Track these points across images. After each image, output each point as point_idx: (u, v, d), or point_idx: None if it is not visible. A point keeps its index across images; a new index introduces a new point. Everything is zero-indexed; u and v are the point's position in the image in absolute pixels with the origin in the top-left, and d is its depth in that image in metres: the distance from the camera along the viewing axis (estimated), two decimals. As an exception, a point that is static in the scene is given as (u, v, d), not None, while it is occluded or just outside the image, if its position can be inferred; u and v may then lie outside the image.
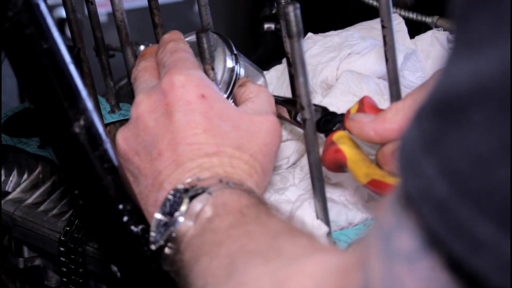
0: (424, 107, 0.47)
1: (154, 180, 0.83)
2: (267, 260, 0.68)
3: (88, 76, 1.18)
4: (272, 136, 0.87)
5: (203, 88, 0.85)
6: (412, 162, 0.46)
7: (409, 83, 1.06)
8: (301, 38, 0.80)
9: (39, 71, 0.78)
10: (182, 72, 0.85)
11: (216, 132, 0.83)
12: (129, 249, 0.83)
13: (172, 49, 0.91)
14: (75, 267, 1.07)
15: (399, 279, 0.50)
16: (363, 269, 0.54)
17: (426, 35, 1.14)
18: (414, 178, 0.45)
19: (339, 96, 1.00)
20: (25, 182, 1.20)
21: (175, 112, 0.83)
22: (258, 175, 0.84)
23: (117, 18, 1.08)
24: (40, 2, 0.77)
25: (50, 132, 0.81)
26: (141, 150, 0.85)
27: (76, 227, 1.07)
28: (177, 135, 0.83)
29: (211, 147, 0.83)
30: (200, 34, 0.89)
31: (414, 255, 0.48)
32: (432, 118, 0.45)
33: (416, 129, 0.46)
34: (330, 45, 1.08)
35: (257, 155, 0.85)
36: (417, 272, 0.48)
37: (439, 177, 0.44)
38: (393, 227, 0.50)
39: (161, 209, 0.79)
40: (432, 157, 0.44)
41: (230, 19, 2.03)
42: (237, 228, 0.73)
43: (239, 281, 0.69)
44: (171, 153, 0.82)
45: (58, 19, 1.82)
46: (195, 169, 0.81)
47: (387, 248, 0.51)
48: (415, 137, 0.46)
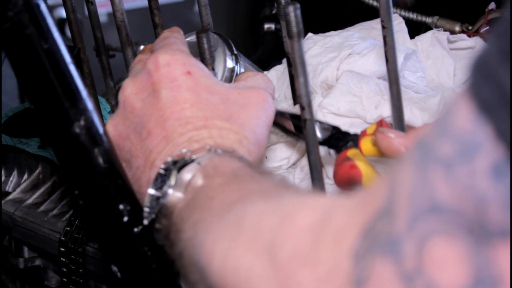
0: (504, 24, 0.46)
1: (145, 160, 0.82)
2: (267, 199, 0.67)
3: (88, 76, 1.18)
4: (262, 108, 0.86)
5: (188, 66, 0.84)
6: (487, 72, 0.45)
7: (409, 83, 1.06)
8: (301, 38, 0.80)
9: (39, 71, 0.78)
10: (167, 52, 0.84)
11: (204, 105, 0.82)
12: (129, 249, 0.83)
13: (163, 37, 0.91)
14: (75, 267, 1.07)
15: (431, 187, 0.48)
16: (389, 186, 0.52)
17: (426, 35, 1.14)
18: (489, 86, 0.45)
19: (339, 96, 1.00)
20: (25, 182, 1.20)
21: (162, 89, 0.82)
22: (250, 143, 0.83)
23: (117, 18, 1.08)
24: (40, 2, 0.77)
25: (50, 132, 0.81)
26: (131, 133, 0.84)
27: (76, 227, 1.07)
28: (164, 111, 0.82)
29: (200, 120, 0.81)
30: (200, 34, 0.89)
31: (456, 161, 0.47)
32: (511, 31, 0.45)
33: (491, 44, 0.46)
34: (330, 45, 1.08)
35: (248, 125, 0.84)
36: (454, 178, 0.47)
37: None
38: (436, 136, 0.49)
39: (153, 184, 0.78)
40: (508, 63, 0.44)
41: (230, 19, 2.03)
42: (231, 185, 0.72)
43: (236, 218, 0.67)
44: (160, 130, 0.81)
45: (58, 19, 1.82)
46: (185, 142, 0.80)
47: (423, 157, 0.49)
48: (492, 50, 0.45)
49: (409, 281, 0.49)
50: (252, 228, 0.64)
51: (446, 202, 0.48)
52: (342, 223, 0.55)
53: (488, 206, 0.46)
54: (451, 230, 0.48)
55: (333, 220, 0.57)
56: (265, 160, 1.06)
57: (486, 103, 0.45)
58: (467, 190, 0.47)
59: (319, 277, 0.55)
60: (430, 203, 0.49)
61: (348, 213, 0.56)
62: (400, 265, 0.50)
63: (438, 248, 0.48)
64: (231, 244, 0.66)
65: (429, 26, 1.34)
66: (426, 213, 0.49)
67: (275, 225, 0.61)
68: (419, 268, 0.49)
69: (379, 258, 0.51)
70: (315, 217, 0.58)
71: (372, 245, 0.52)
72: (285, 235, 0.60)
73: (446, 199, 0.48)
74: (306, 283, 0.56)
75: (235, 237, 0.65)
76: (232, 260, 0.65)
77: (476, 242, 0.47)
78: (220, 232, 0.68)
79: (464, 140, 0.47)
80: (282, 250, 0.59)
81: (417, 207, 0.49)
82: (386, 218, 0.51)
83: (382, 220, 0.52)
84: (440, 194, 0.48)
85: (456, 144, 0.47)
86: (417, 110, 0.98)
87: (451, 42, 1.15)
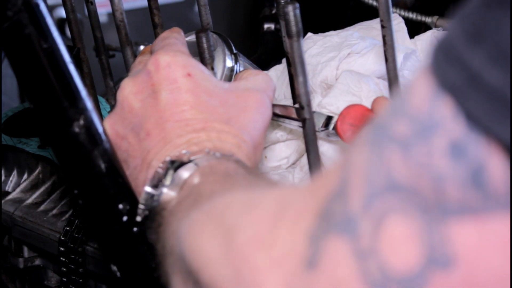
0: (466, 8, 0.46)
1: (143, 160, 0.82)
2: (245, 191, 0.68)
3: (88, 76, 1.18)
4: (260, 112, 0.86)
5: (189, 67, 0.84)
6: (452, 55, 0.45)
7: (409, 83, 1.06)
8: (300, 38, 0.80)
9: (38, 71, 0.78)
10: (167, 53, 0.84)
11: (204, 108, 0.83)
12: (129, 249, 0.83)
13: (163, 37, 0.91)
14: (75, 267, 1.07)
15: (387, 165, 0.48)
16: (343, 167, 0.52)
17: (426, 35, 1.14)
18: (454, 67, 0.45)
19: (338, 96, 1.00)
20: (25, 182, 1.20)
21: (161, 91, 0.82)
22: (248, 147, 0.83)
23: (117, 18, 1.08)
24: (40, 2, 0.77)
25: (50, 132, 0.81)
26: (128, 133, 0.84)
27: (76, 227, 1.07)
28: (164, 113, 0.82)
29: (199, 123, 0.82)
30: (200, 34, 0.89)
31: (413, 141, 0.47)
32: (478, 12, 0.44)
33: (457, 25, 0.46)
34: (330, 45, 1.08)
35: (246, 129, 0.84)
36: (411, 158, 0.47)
37: (490, 66, 0.43)
38: (390, 116, 0.49)
39: (150, 182, 0.78)
40: (478, 47, 0.44)
41: (230, 19, 2.03)
42: (221, 182, 0.73)
43: (210, 205, 0.68)
44: (158, 131, 0.82)
45: (58, 19, 1.82)
46: (183, 145, 0.80)
47: (378, 137, 0.49)
48: (456, 32, 0.45)
49: (363, 260, 0.49)
50: (219, 215, 0.65)
51: (402, 180, 0.48)
52: (299, 207, 0.56)
53: (445, 185, 0.46)
54: (406, 209, 0.48)
55: (291, 205, 0.57)
56: (265, 159, 1.06)
57: (451, 84, 0.45)
58: (424, 169, 0.47)
59: (273, 260, 0.55)
60: (386, 182, 0.49)
61: (305, 197, 0.56)
62: (355, 244, 0.50)
63: (393, 227, 0.48)
64: (199, 231, 0.67)
65: (428, 26, 1.34)
66: (383, 192, 0.49)
67: (239, 212, 0.63)
68: (373, 247, 0.49)
69: (334, 238, 0.51)
70: (276, 204, 0.59)
71: (327, 225, 0.52)
72: (244, 221, 0.61)
73: (402, 177, 0.48)
74: (260, 266, 0.56)
75: (204, 223, 0.67)
76: (197, 246, 0.66)
77: (431, 220, 0.47)
78: (194, 220, 0.69)
79: (420, 119, 0.47)
80: (239, 235, 0.60)
81: (373, 186, 0.49)
82: (341, 199, 0.51)
83: (336, 201, 0.52)
84: (397, 173, 0.48)
85: (412, 123, 0.47)
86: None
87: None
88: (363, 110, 0.89)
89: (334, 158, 0.99)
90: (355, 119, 0.89)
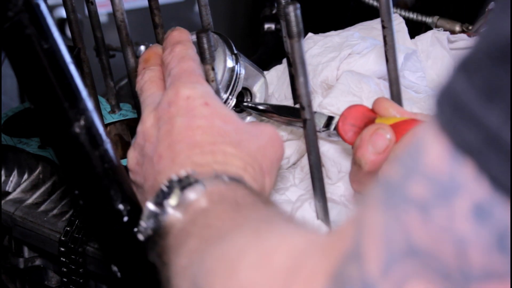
0: (471, 59, 0.45)
1: (154, 182, 0.82)
2: (257, 232, 0.66)
3: (88, 76, 1.18)
4: (272, 144, 0.86)
5: (207, 98, 0.85)
6: (465, 113, 0.44)
7: (410, 83, 1.06)
8: (301, 38, 0.80)
9: (39, 71, 0.78)
10: (186, 85, 0.85)
11: (216, 131, 0.83)
12: (129, 249, 0.83)
13: (180, 55, 0.91)
14: (75, 267, 1.07)
15: (405, 229, 0.47)
16: (356, 228, 0.51)
17: (427, 35, 1.14)
18: (470, 128, 0.44)
19: (339, 96, 1.00)
20: (25, 182, 1.20)
21: (177, 117, 0.83)
22: (255, 171, 0.83)
23: (117, 18, 1.08)
24: (40, 2, 0.77)
25: (50, 132, 0.81)
26: (145, 159, 0.85)
27: (76, 227, 1.07)
28: (176, 137, 0.83)
29: (208, 145, 0.82)
30: (200, 34, 0.89)
31: (432, 203, 0.45)
32: (486, 69, 0.44)
33: (465, 81, 0.45)
34: (331, 45, 1.08)
35: (256, 154, 0.84)
36: (431, 221, 0.45)
37: (508, 126, 0.42)
38: (404, 176, 0.48)
39: (153, 198, 0.77)
40: (494, 106, 0.43)
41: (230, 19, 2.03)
42: (230, 213, 0.72)
43: (223, 249, 0.66)
44: (169, 153, 0.82)
45: (58, 19, 1.82)
46: (189, 165, 0.80)
47: (392, 198, 0.48)
48: (465, 88, 0.45)
49: None
50: (232, 268, 0.64)
51: (422, 245, 0.46)
52: (313, 267, 0.55)
53: (468, 249, 0.44)
54: (427, 275, 0.46)
55: (304, 263, 0.56)
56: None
57: (469, 145, 0.44)
58: (445, 233, 0.45)
59: None
60: (405, 246, 0.47)
61: (319, 256, 0.55)
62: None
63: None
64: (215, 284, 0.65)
65: (429, 26, 1.34)
66: (402, 257, 0.47)
67: (253, 263, 0.61)
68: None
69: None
70: (289, 261, 0.58)
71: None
72: (258, 279, 0.60)
73: (422, 242, 0.46)
74: None
75: (219, 276, 0.65)
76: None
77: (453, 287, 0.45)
78: (209, 270, 0.67)
79: (440, 181, 0.46)
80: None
81: (392, 251, 0.48)
82: (357, 262, 0.50)
83: (352, 264, 0.50)
84: (416, 237, 0.46)
85: (431, 185, 0.46)
86: (417, 110, 0.98)
87: (451, 42, 1.15)
88: (364, 110, 0.89)
89: (334, 159, 0.99)
90: (356, 119, 0.89)
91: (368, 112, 0.89)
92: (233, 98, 0.98)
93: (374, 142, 0.84)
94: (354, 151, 0.86)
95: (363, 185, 0.86)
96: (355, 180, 0.87)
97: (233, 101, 0.98)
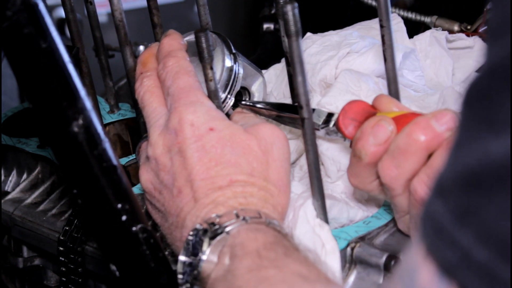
0: (446, 184, 0.51)
1: (177, 217, 0.87)
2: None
3: (87, 76, 1.18)
4: (282, 152, 0.90)
5: (210, 122, 0.89)
6: (444, 235, 0.50)
7: (408, 82, 1.06)
8: (299, 37, 0.80)
9: (37, 70, 0.78)
10: (188, 109, 0.89)
11: (228, 162, 0.87)
12: (128, 248, 0.83)
13: (173, 71, 0.93)
14: (74, 267, 1.07)
15: None
16: None
17: (425, 34, 1.14)
18: (448, 249, 0.49)
19: (337, 95, 1.00)
20: (25, 182, 1.20)
21: (188, 149, 0.88)
22: (274, 197, 0.88)
23: (116, 18, 1.08)
24: (39, 2, 0.77)
25: (49, 131, 0.81)
26: (163, 189, 0.90)
27: (75, 226, 1.07)
28: (191, 171, 0.87)
29: (224, 179, 0.87)
30: (199, 33, 0.89)
31: None
32: (460, 193, 0.49)
33: (441, 205, 0.51)
34: (329, 44, 1.08)
35: (271, 175, 0.88)
36: None
37: (477, 245, 0.48)
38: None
39: (184, 250, 0.82)
40: (466, 228, 0.48)
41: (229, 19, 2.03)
42: (255, 272, 0.75)
43: None
44: (189, 190, 0.87)
45: (57, 19, 1.82)
46: (210, 204, 0.85)
47: None
48: (442, 212, 0.50)
49: None
50: None
51: None
52: None
53: None
54: None
55: None
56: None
57: (450, 264, 0.49)
58: None
59: None
60: None
61: None
62: None
63: None
64: None
65: (428, 26, 1.34)
66: None
67: None
68: None
69: None
70: None
71: None
72: None
73: None
74: None
75: None
76: None
77: None
78: None
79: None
80: None
81: None
82: None
83: None
84: None
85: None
86: (415, 109, 0.98)
87: (449, 42, 1.15)
88: (364, 105, 0.90)
89: (333, 158, 0.99)
90: (357, 114, 0.89)
91: (368, 107, 0.90)
92: (231, 97, 0.98)
93: (375, 133, 0.85)
94: (354, 143, 0.87)
95: (361, 178, 0.87)
96: (353, 174, 0.88)
97: (231, 101, 0.99)
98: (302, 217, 0.90)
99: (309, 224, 0.89)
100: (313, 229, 0.89)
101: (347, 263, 0.90)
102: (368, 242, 0.90)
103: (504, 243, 0.47)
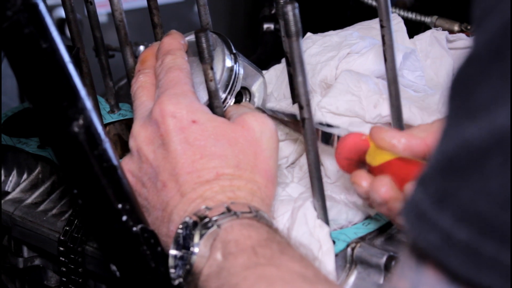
0: (426, 172, 0.53)
1: (163, 211, 0.85)
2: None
3: (87, 76, 1.18)
4: (269, 144, 0.88)
5: (192, 114, 0.87)
6: (423, 220, 0.52)
7: (408, 82, 1.06)
8: (299, 38, 0.80)
9: (38, 70, 0.78)
10: (170, 100, 0.87)
11: (213, 155, 0.85)
12: (128, 249, 0.84)
13: (167, 66, 0.93)
14: (75, 267, 1.07)
15: None
16: None
17: (425, 34, 1.14)
18: (430, 232, 0.51)
19: (338, 95, 1.00)
20: (25, 182, 1.20)
21: (171, 142, 0.85)
22: (261, 190, 0.86)
23: (116, 18, 1.08)
24: (39, 2, 0.77)
25: (49, 131, 0.81)
26: (146, 182, 0.87)
27: (76, 226, 1.07)
28: (176, 165, 0.85)
29: (210, 172, 0.85)
30: (199, 33, 0.89)
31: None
32: (438, 178, 0.52)
33: (422, 192, 0.53)
34: (329, 45, 1.08)
35: (258, 166, 0.87)
36: None
37: (458, 225, 0.50)
38: None
39: (174, 244, 0.81)
40: (445, 210, 0.51)
41: (229, 19, 2.03)
42: (252, 269, 0.75)
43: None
44: (174, 184, 0.85)
45: (57, 19, 1.82)
46: (197, 199, 0.84)
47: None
48: (422, 198, 0.53)
49: None
50: None
51: None
52: None
53: None
54: None
55: None
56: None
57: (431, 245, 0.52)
58: None
59: None
60: None
61: None
62: None
63: None
64: None
65: (428, 26, 1.34)
66: None
67: None
68: None
69: None
70: None
71: None
72: None
73: None
74: None
75: None
76: None
77: None
78: None
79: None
80: None
81: None
82: None
83: None
84: None
85: None
86: (416, 109, 0.98)
87: (450, 42, 1.15)
88: (356, 140, 0.88)
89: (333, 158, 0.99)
90: (350, 152, 0.88)
91: (361, 143, 0.88)
92: (232, 97, 0.98)
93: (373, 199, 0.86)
94: None
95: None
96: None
97: (232, 101, 0.99)
98: (300, 218, 0.90)
99: (307, 226, 0.89)
100: (311, 231, 0.88)
101: (348, 263, 0.90)
102: (368, 242, 0.90)
103: (483, 221, 0.49)
